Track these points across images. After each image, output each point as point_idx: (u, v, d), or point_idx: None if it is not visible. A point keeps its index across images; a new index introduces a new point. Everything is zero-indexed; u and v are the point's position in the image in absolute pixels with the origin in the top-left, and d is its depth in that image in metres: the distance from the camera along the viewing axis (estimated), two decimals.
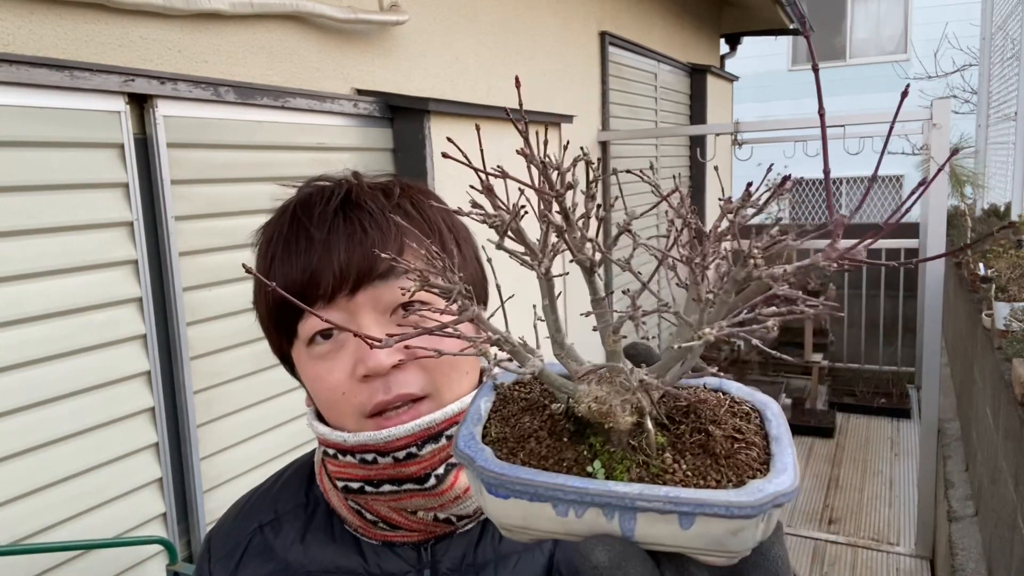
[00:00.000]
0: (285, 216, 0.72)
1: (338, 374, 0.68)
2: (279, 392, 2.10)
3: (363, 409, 0.67)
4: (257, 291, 0.75)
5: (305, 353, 0.70)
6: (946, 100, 3.47)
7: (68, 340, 1.59)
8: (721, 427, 0.44)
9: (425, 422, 0.66)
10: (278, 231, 0.71)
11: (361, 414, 0.68)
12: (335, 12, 2.25)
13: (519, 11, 3.46)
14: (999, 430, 2.64)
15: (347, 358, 0.68)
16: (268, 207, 0.76)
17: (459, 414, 0.68)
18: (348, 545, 0.73)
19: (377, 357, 0.65)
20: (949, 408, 4.53)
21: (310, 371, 0.70)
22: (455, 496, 0.69)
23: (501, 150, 2.59)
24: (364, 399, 0.67)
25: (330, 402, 0.69)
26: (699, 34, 6.31)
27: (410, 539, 0.72)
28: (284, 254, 0.69)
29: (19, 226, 1.50)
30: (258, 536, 0.77)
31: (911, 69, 9.78)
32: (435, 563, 0.71)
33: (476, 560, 0.71)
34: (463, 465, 0.44)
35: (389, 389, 0.67)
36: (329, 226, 0.68)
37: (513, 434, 0.45)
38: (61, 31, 1.57)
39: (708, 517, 0.37)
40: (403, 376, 0.67)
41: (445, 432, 0.68)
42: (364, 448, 0.67)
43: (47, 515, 1.56)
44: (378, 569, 0.71)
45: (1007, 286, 3.07)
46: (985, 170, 7.21)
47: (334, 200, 0.70)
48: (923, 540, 3.76)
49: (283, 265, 0.69)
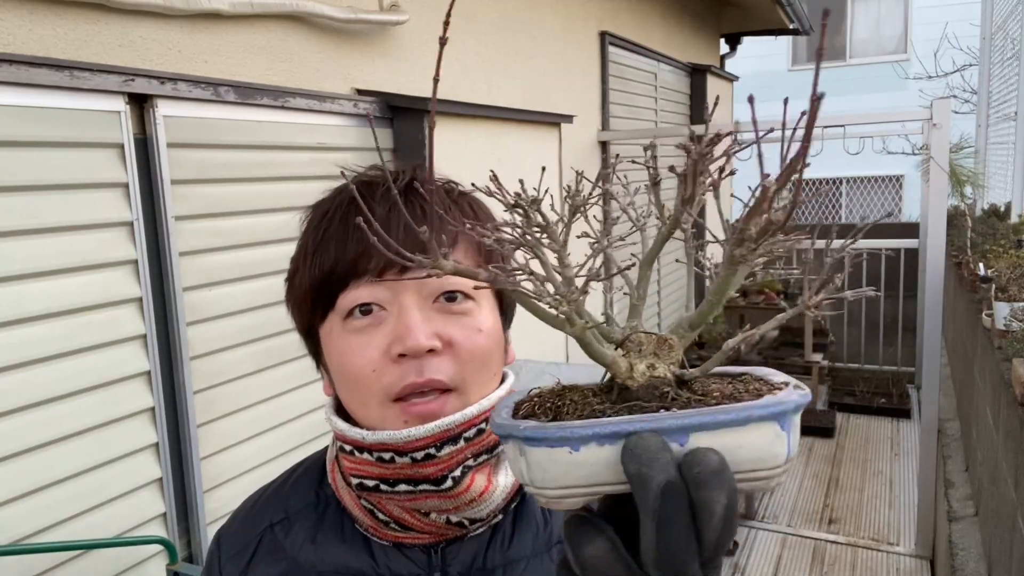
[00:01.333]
0: (344, 195, 0.72)
1: (372, 351, 0.67)
2: (279, 392, 2.10)
3: (390, 390, 0.67)
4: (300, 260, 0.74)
5: (340, 327, 0.70)
6: (946, 100, 3.47)
7: (68, 340, 1.59)
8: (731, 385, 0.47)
9: (445, 423, 0.66)
10: (336, 207, 0.72)
11: (387, 395, 0.67)
12: (335, 12, 2.25)
13: (519, 11, 3.46)
14: (999, 430, 2.64)
15: (383, 336, 0.67)
16: (268, 207, 0.76)
17: (478, 416, 0.68)
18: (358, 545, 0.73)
19: (416, 337, 0.65)
20: (949, 408, 4.53)
21: (342, 345, 0.69)
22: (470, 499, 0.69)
23: (501, 150, 2.59)
24: (394, 379, 0.67)
25: (357, 379, 0.69)
26: (699, 34, 6.31)
27: (421, 541, 0.72)
28: (341, 226, 0.70)
29: (19, 226, 1.50)
30: (268, 535, 0.77)
31: (911, 69, 9.78)
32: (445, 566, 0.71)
33: (486, 564, 0.71)
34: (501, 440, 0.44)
35: (422, 372, 0.66)
36: (391, 206, 0.68)
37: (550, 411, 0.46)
38: (61, 31, 1.57)
39: (754, 424, 0.39)
40: (437, 362, 0.67)
41: (464, 434, 0.67)
42: (383, 447, 0.67)
43: (47, 515, 1.56)
44: (387, 570, 0.71)
45: (1007, 286, 3.06)
46: (985, 170, 7.21)
47: (398, 184, 0.70)
48: (923, 540, 3.76)
49: (337, 237, 0.69)
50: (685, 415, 0.40)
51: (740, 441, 0.40)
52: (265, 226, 1.99)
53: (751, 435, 0.40)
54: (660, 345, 0.45)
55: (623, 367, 0.44)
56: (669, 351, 0.45)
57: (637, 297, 0.50)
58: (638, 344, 0.45)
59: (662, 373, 0.44)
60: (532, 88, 3.59)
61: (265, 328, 2.03)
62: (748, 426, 0.40)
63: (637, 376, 0.44)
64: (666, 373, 0.44)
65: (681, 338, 0.46)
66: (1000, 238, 4.13)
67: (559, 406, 0.45)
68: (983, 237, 4.33)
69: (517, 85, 3.45)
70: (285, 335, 2.03)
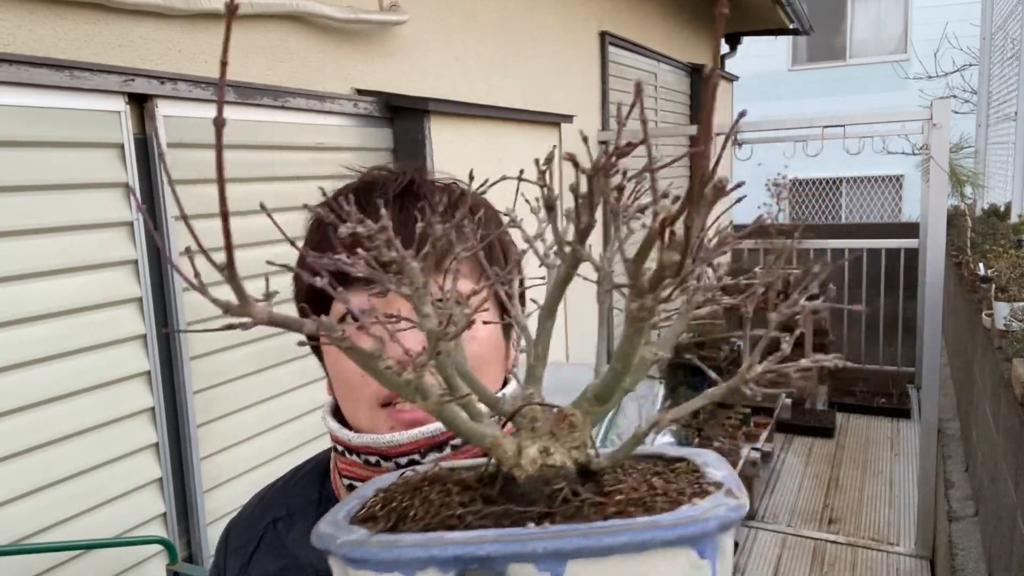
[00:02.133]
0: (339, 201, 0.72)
1: None
2: (279, 392, 2.10)
3: (379, 395, 0.67)
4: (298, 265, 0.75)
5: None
6: (946, 100, 3.47)
7: (68, 340, 1.59)
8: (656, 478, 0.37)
9: (428, 431, 0.66)
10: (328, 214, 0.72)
11: (376, 400, 0.68)
12: (335, 12, 2.25)
13: (519, 11, 3.45)
14: (999, 430, 2.64)
15: None
16: (268, 207, 0.76)
17: None
18: None
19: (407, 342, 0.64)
20: (949, 408, 4.53)
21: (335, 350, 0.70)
22: None
23: (501, 150, 2.59)
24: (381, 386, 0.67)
25: (348, 384, 0.70)
26: (699, 34, 6.31)
27: None
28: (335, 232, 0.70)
29: (19, 226, 1.50)
30: (271, 531, 0.78)
31: (911, 69, 9.77)
32: None
33: None
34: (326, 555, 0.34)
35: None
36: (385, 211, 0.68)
37: (394, 513, 0.35)
38: (61, 31, 1.57)
39: (658, 549, 0.29)
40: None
41: (451, 442, 0.67)
42: (368, 450, 0.67)
43: (47, 515, 1.56)
44: None
45: (1007, 286, 3.06)
46: (985, 170, 7.21)
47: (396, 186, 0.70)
48: (923, 540, 3.76)
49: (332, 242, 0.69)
50: (562, 533, 0.30)
51: (638, 573, 0.29)
52: (265, 226, 1.98)
53: (656, 564, 0.29)
54: (559, 422, 0.35)
55: (509, 450, 0.35)
56: (571, 431, 0.35)
57: (536, 356, 0.39)
58: (532, 420, 0.36)
59: (559, 461, 0.34)
60: (532, 88, 3.59)
61: (265, 328, 2.02)
62: (651, 552, 0.29)
63: (526, 464, 0.34)
64: (564, 461, 0.34)
65: (586, 414, 0.36)
66: (1000, 238, 4.13)
67: (408, 505, 0.35)
68: (983, 237, 4.33)
69: (517, 85, 3.45)
70: (285, 335, 2.02)
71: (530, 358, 0.39)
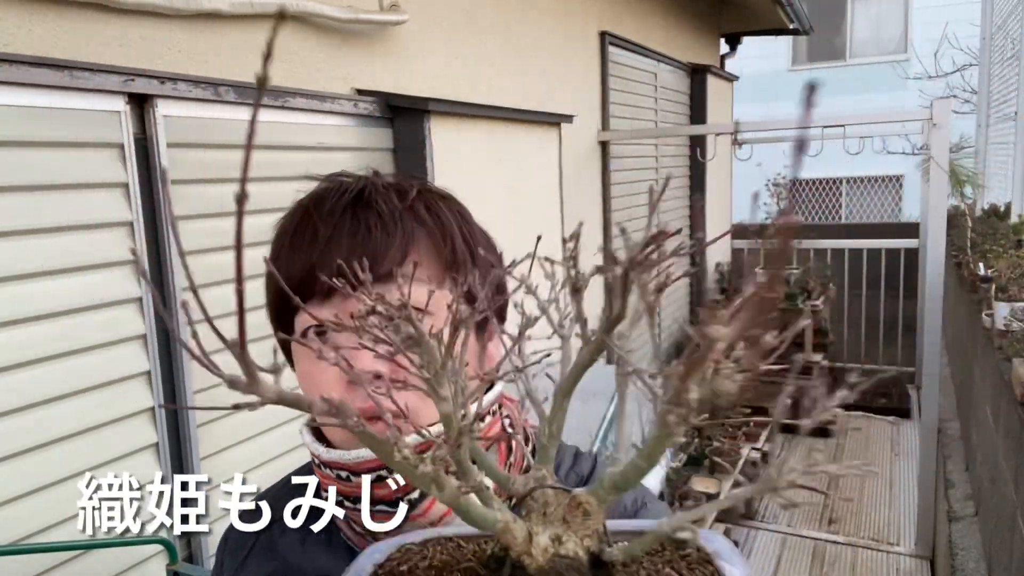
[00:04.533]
0: (298, 211, 0.72)
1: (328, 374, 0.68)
2: None
3: None
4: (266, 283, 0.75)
5: (298, 347, 0.70)
6: (946, 100, 3.48)
7: (68, 340, 1.58)
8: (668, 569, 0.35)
9: None
10: (289, 224, 0.72)
11: None
12: (335, 12, 2.24)
13: (519, 11, 3.45)
14: (999, 430, 2.64)
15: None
16: (268, 207, 0.76)
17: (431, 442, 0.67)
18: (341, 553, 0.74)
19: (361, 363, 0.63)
20: (949, 408, 4.53)
21: (300, 366, 0.71)
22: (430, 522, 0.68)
23: (501, 150, 2.59)
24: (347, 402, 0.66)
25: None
26: (699, 34, 6.30)
27: None
28: (290, 248, 0.70)
29: (19, 226, 1.49)
30: (265, 533, 0.78)
31: (911, 69, 9.77)
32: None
33: None
34: None
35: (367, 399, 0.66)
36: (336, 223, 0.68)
37: None
38: (61, 31, 1.57)
39: None
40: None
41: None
42: (337, 465, 0.67)
43: (47, 515, 1.56)
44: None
45: (1007, 286, 3.07)
46: (985, 170, 7.21)
47: (345, 197, 0.70)
48: (923, 540, 3.76)
49: (287, 259, 0.69)
50: None
51: None
52: (265, 226, 1.98)
53: None
54: (572, 509, 0.33)
55: (519, 536, 0.33)
56: (584, 518, 0.33)
57: (549, 435, 0.37)
58: (543, 505, 0.34)
59: (571, 551, 0.32)
60: (532, 88, 3.59)
61: (265, 328, 2.02)
62: None
63: (536, 553, 0.32)
64: (577, 551, 0.32)
65: (601, 501, 0.34)
66: (1000, 238, 4.13)
67: None
68: (983, 237, 4.33)
69: (517, 85, 3.45)
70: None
71: (543, 437, 0.37)
